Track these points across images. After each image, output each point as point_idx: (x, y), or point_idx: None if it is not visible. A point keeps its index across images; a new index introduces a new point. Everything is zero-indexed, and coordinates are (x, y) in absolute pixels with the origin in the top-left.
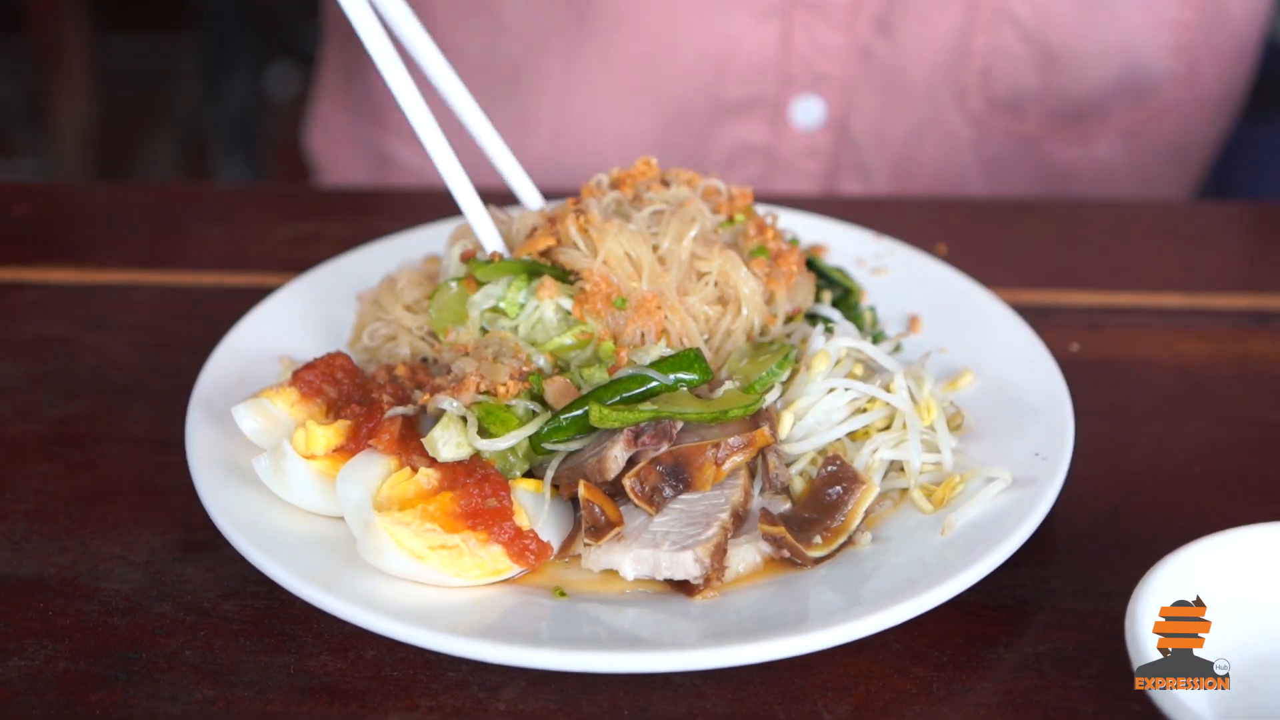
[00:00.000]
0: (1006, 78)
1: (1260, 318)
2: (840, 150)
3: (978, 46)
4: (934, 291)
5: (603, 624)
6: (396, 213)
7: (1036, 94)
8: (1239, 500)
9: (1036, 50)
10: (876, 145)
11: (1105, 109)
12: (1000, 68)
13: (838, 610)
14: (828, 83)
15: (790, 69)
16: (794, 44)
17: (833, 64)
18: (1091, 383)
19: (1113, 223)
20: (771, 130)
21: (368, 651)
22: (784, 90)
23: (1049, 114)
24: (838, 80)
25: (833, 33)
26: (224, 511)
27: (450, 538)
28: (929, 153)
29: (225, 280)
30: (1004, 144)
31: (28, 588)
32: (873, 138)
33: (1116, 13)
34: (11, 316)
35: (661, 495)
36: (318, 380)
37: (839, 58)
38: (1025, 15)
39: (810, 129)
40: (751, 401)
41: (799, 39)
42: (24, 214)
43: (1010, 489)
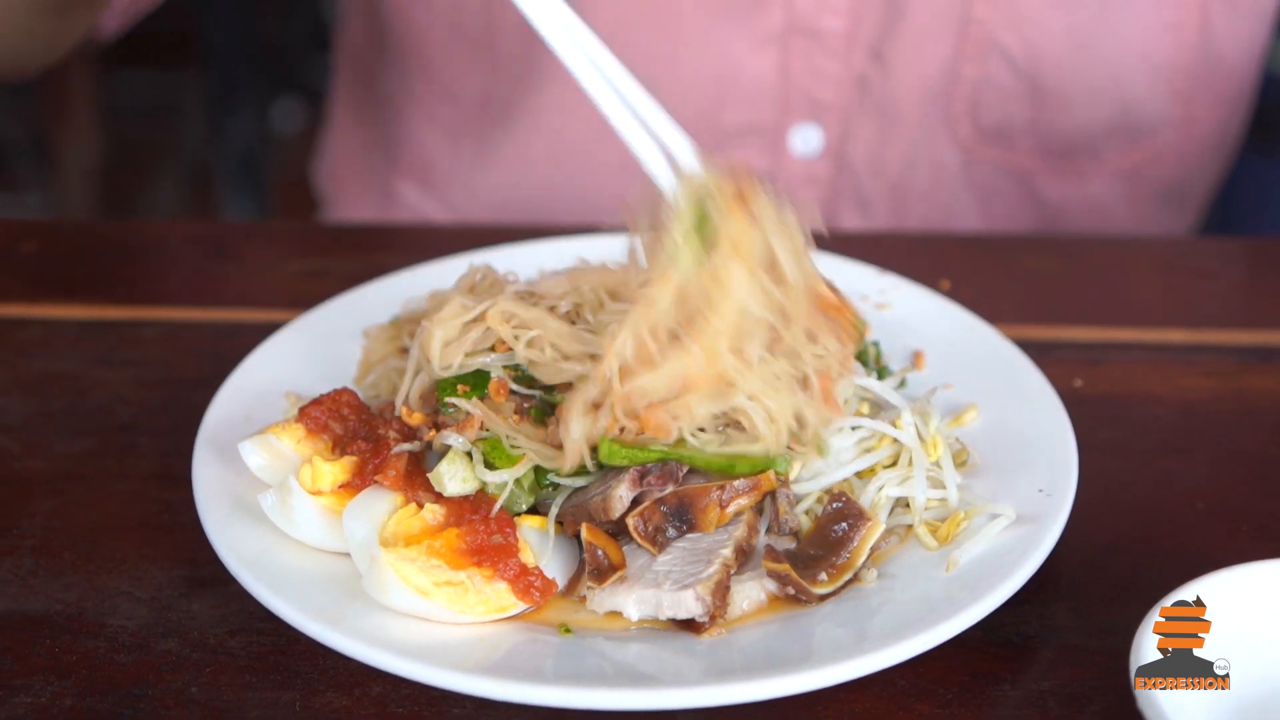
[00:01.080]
0: (995, 107)
1: (1262, 353)
2: (838, 178)
3: (967, 75)
4: (937, 327)
5: (608, 661)
6: (403, 249)
7: (1025, 125)
8: (1242, 536)
9: (1025, 83)
10: (873, 173)
11: (1098, 148)
12: (989, 97)
13: (842, 647)
14: (825, 111)
15: (788, 96)
16: (792, 71)
17: (830, 92)
18: (1094, 418)
19: (1114, 259)
20: (771, 158)
21: (374, 688)
22: (783, 118)
23: (1039, 147)
24: (835, 108)
25: (829, 61)
26: (230, 548)
27: (455, 574)
28: (922, 181)
29: (232, 316)
30: (995, 175)
31: (34, 624)
32: (869, 166)
33: (1107, 51)
34: (19, 353)
35: (665, 535)
36: (324, 416)
37: (836, 85)
38: (1014, 47)
39: (809, 157)
40: (763, 463)
41: (797, 66)
42: (32, 251)
43: (1014, 525)
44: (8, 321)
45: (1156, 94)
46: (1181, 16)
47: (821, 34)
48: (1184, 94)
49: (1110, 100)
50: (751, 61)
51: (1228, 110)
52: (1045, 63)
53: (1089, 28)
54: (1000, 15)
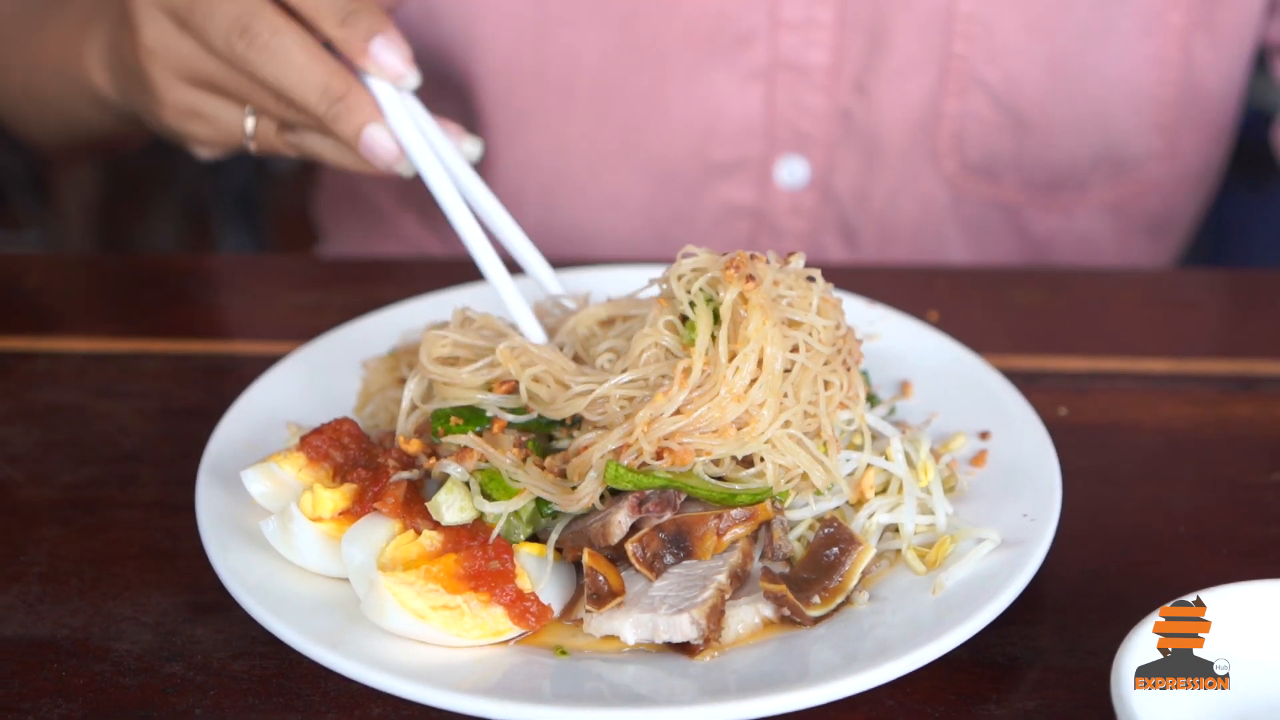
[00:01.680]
0: (979, 142)
1: (1243, 382)
2: (824, 209)
3: (949, 110)
4: (925, 357)
5: (604, 681)
6: (399, 283)
7: (1010, 159)
8: (1223, 560)
9: (1008, 116)
10: (858, 205)
11: (1084, 182)
12: (972, 131)
13: (833, 668)
14: (810, 143)
15: (774, 130)
16: (777, 106)
17: (814, 125)
18: (1079, 445)
19: (1098, 290)
20: (758, 190)
21: (373, 709)
22: (769, 151)
23: (1024, 181)
24: (820, 141)
25: (814, 94)
26: (233, 573)
27: (452, 598)
28: (908, 213)
29: (231, 349)
30: (981, 208)
31: (41, 649)
32: (854, 197)
33: (1090, 86)
34: (25, 385)
35: (662, 562)
36: (325, 445)
37: (820, 119)
38: (995, 82)
39: (795, 188)
40: (761, 494)
41: (782, 101)
42: (35, 285)
43: (1000, 549)
44: (13, 355)
45: (1140, 126)
46: (1163, 49)
47: (806, 68)
48: (1167, 126)
49: (1094, 133)
50: (738, 98)
51: (1211, 142)
52: (1027, 96)
53: (1070, 60)
54: (980, 49)
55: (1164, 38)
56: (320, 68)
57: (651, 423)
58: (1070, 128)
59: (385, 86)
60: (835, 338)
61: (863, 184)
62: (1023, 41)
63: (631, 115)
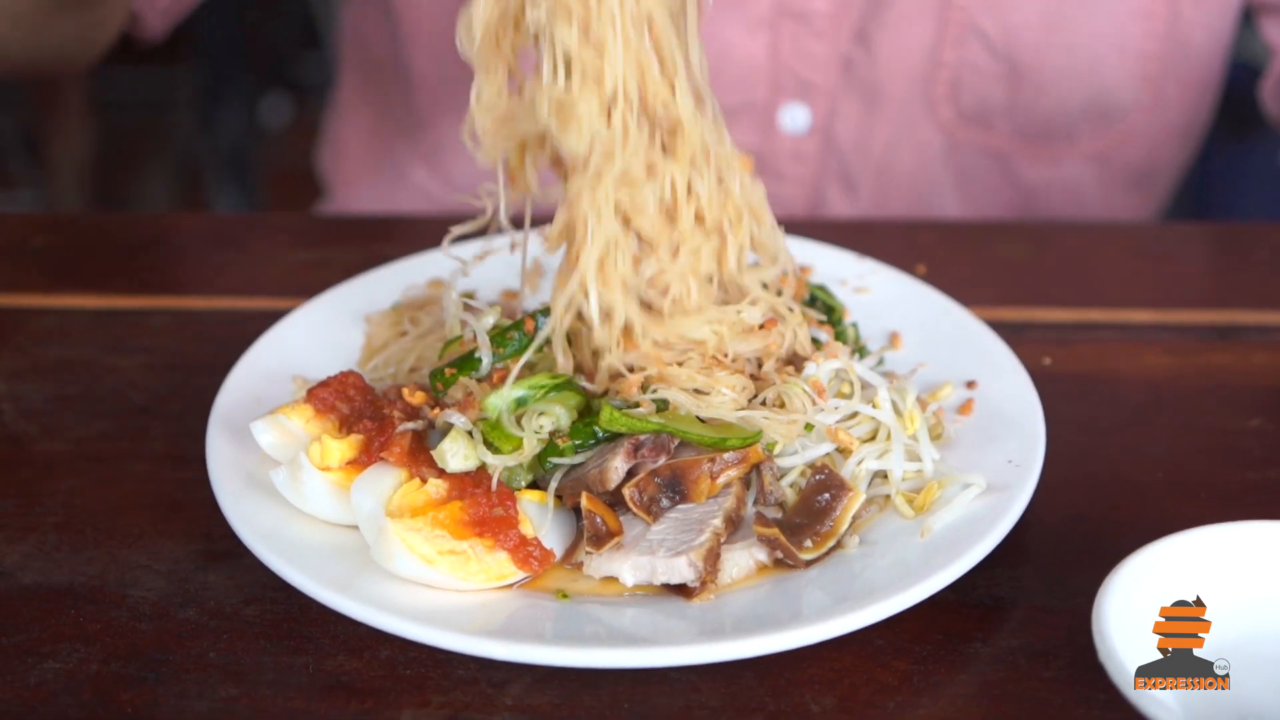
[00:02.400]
0: (974, 90)
1: (1223, 332)
2: (824, 155)
3: (947, 59)
4: (913, 309)
5: (603, 623)
6: (401, 239)
7: (1004, 108)
8: (1201, 504)
9: (1003, 65)
10: (858, 152)
11: (1073, 132)
12: (969, 80)
13: (823, 608)
14: (812, 90)
15: (778, 76)
16: (781, 53)
17: (817, 72)
18: (1062, 395)
19: (1082, 244)
20: (761, 135)
21: (382, 651)
22: (772, 97)
23: (1016, 129)
24: (822, 88)
25: (816, 42)
26: (244, 521)
27: (458, 544)
28: (905, 161)
29: (237, 305)
30: (974, 157)
31: (60, 595)
32: (854, 145)
33: (1081, 37)
34: (36, 341)
35: (659, 505)
36: (331, 397)
37: (822, 66)
38: (992, 31)
39: (797, 134)
40: (751, 437)
41: (785, 48)
42: (43, 244)
43: (985, 494)
44: (25, 311)
45: (1127, 79)
46: (1151, 4)
47: (809, 16)
48: (1153, 79)
49: (1084, 84)
50: (743, 44)
51: (1196, 96)
52: (1022, 46)
53: (1063, 12)
54: (979, 0)
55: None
56: None
57: None
58: (1061, 78)
59: None
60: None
61: (863, 132)
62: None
63: None
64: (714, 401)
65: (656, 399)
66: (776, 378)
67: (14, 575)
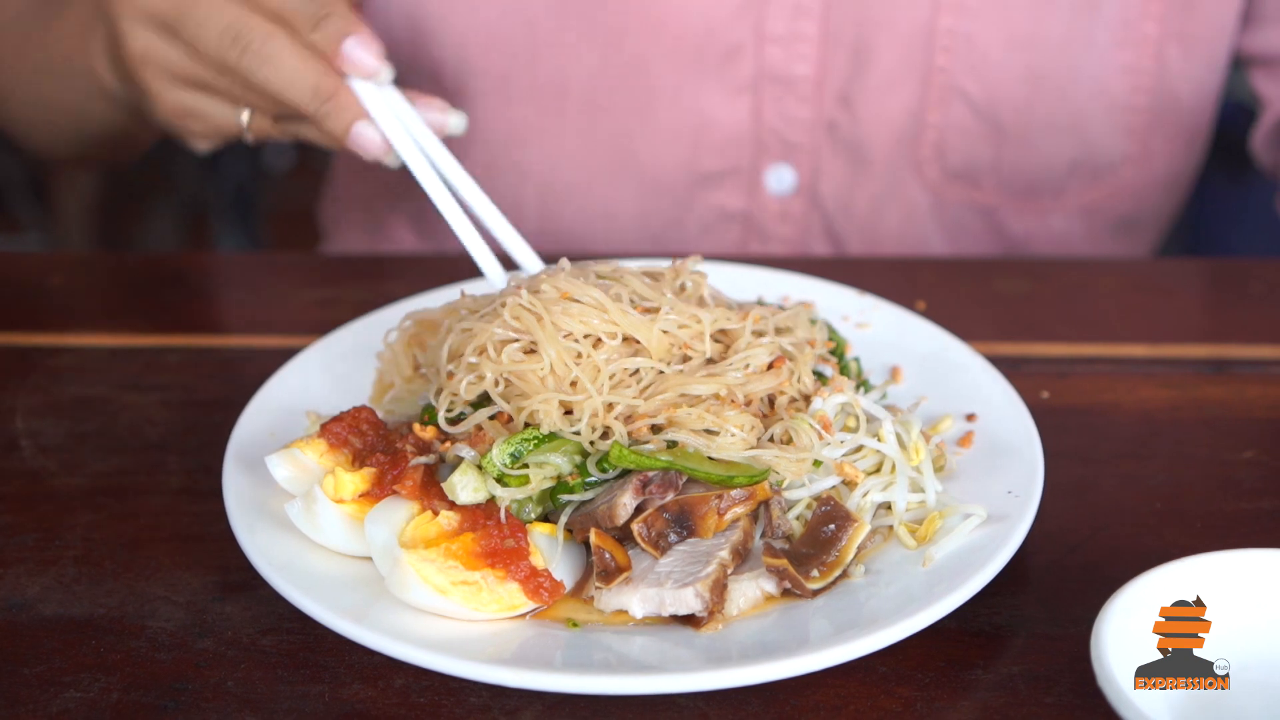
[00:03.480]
0: (960, 150)
1: (1217, 365)
2: (811, 215)
3: (931, 120)
4: (914, 344)
5: (613, 651)
6: (410, 278)
7: (990, 166)
8: (1197, 533)
9: (988, 125)
10: (843, 211)
11: (1060, 186)
12: (954, 141)
13: (829, 636)
14: (797, 152)
15: (762, 140)
16: (764, 117)
17: (801, 134)
18: (1060, 427)
19: (1078, 280)
20: (748, 197)
21: (396, 680)
22: (757, 160)
23: (1003, 185)
24: (806, 149)
25: (800, 106)
26: (260, 553)
27: (471, 574)
28: (893, 219)
29: (250, 343)
30: (962, 211)
31: (80, 627)
32: (839, 204)
33: (1066, 95)
34: (54, 379)
35: (667, 540)
36: (344, 432)
37: (806, 129)
38: (975, 93)
39: (783, 195)
40: (759, 475)
41: (769, 112)
42: (60, 283)
43: (986, 524)
44: (41, 349)
45: (1114, 133)
46: (1138, 59)
47: (792, 80)
48: (1140, 132)
49: (1070, 139)
50: (725, 110)
51: (1184, 146)
52: (1006, 105)
53: (1047, 70)
54: (961, 62)
55: (1138, 48)
56: (310, 69)
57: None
58: (1048, 135)
59: (366, 85)
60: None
61: (848, 191)
62: (1002, 54)
63: (622, 128)
64: (723, 443)
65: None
66: (785, 413)
67: (35, 607)
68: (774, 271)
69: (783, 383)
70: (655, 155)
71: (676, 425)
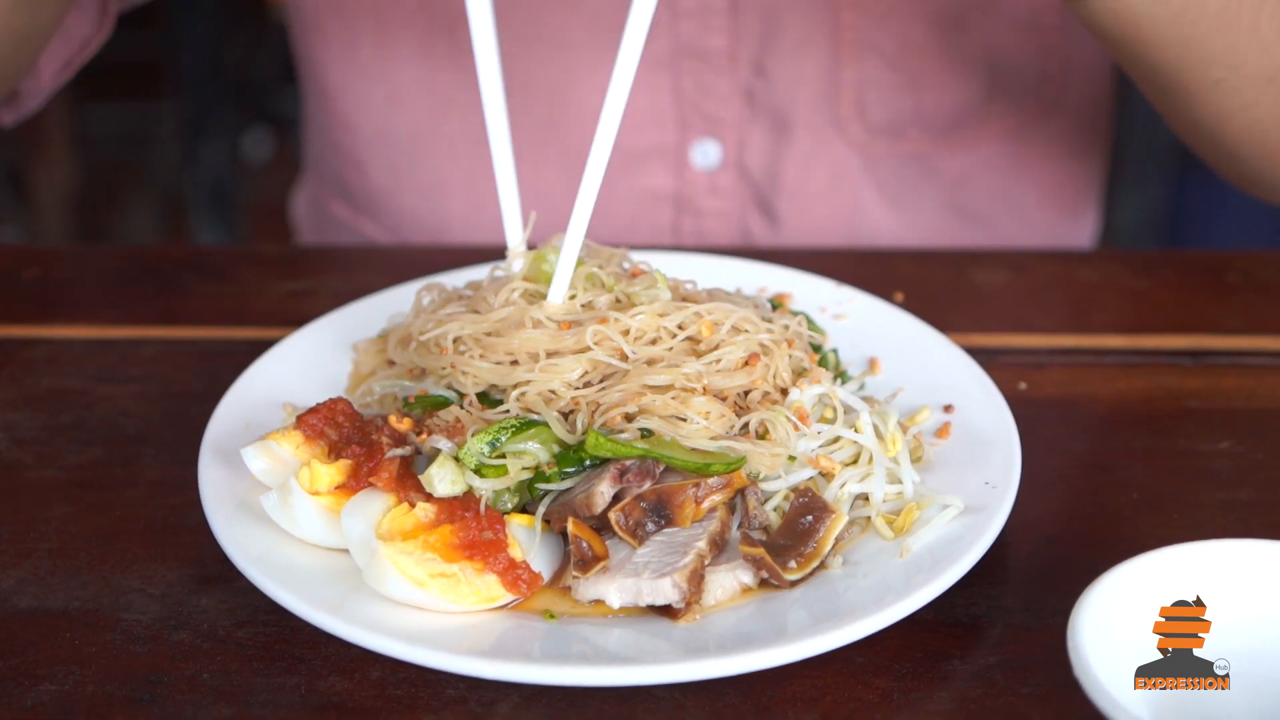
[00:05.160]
0: (880, 104)
1: (1194, 356)
2: (740, 187)
3: (848, 78)
4: (891, 335)
5: (590, 643)
6: (387, 271)
7: (912, 114)
8: (1173, 524)
9: (903, 75)
10: (771, 180)
11: (983, 116)
12: (872, 95)
13: (806, 627)
14: (720, 125)
15: (684, 115)
16: (684, 92)
17: (721, 107)
18: (1038, 418)
19: (1057, 271)
20: (676, 175)
21: (373, 672)
22: (682, 136)
23: (927, 130)
24: (728, 122)
25: (717, 78)
26: (236, 545)
27: (449, 566)
28: (821, 181)
29: (227, 334)
30: (891, 164)
31: (55, 619)
32: (767, 173)
33: (973, 31)
34: (28, 371)
35: (644, 529)
36: (320, 423)
37: (726, 101)
38: (886, 44)
39: (710, 170)
40: (734, 463)
41: (688, 87)
42: (34, 276)
43: (963, 515)
44: (17, 341)
45: (1027, 54)
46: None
47: (706, 53)
48: (1055, 49)
49: (986, 71)
50: (646, 86)
51: (1103, 63)
52: (916, 51)
53: (954, 7)
54: (868, 17)
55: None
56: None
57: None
58: (964, 73)
59: None
60: None
61: (774, 159)
62: (906, 1)
63: (545, 108)
64: (691, 430)
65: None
66: (759, 407)
67: (10, 600)
68: (753, 263)
69: (756, 380)
70: (579, 135)
71: (646, 413)
